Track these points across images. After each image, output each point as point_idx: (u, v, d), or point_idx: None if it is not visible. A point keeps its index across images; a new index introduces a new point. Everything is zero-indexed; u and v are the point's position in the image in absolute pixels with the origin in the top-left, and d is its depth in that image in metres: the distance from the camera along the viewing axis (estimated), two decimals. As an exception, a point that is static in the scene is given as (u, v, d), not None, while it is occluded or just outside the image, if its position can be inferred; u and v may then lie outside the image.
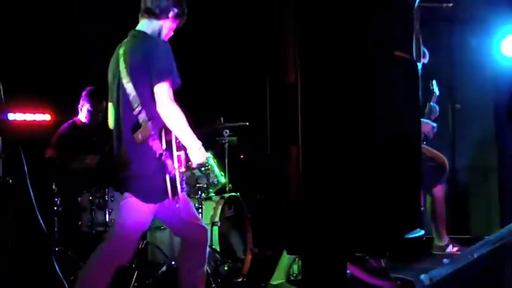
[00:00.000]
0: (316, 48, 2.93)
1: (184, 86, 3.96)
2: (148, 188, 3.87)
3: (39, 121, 6.46)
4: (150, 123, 3.78)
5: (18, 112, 6.26)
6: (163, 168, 3.79)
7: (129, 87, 3.85)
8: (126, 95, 3.87)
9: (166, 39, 4.09)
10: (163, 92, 3.77)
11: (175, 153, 3.84)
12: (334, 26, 2.92)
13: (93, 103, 5.79)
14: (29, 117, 6.39)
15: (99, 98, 5.71)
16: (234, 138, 6.29)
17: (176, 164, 3.81)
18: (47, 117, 6.54)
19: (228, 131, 6.17)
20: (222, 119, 6.14)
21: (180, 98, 4.16)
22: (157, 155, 3.78)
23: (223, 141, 6.18)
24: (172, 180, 3.78)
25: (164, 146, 3.79)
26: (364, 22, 2.94)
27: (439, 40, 6.51)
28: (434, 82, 5.65)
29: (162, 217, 4.16)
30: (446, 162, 5.46)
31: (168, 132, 3.83)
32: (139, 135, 3.80)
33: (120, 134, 3.96)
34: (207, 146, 6.00)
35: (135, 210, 3.94)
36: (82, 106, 5.86)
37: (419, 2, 3.43)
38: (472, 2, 6.45)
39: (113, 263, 3.92)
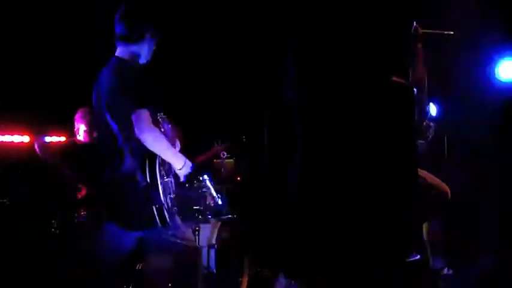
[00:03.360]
0: (314, 72, 2.96)
1: (183, 107, 3.96)
2: (132, 216, 3.85)
3: (17, 142, 6.45)
4: (133, 156, 3.77)
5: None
6: (148, 199, 3.75)
7: (112, 121, 3.84)
8: (111, 127, 3.85)
9: (149, 58, 4.05)
10: (141, 118, 3.70)
11: (160, 184, 3.77)
12: (332, 50, 2.95)
13: (88, 121, 5.77)
14: (7, 138, 6.38)
15: (92, 115, 5.70)
16: (231, 160, 6.31)
17: (161, 194, 3.76)
18: (25, 138, 6.53)
19: (225, 153, 6.19)
20: (219, 141, 6.17)
21: (178, 121, 4.19)
22: (141, 187, 3.75)
23: (220, 163, 6.20)
24: (159, 210, 3.75)
25: (148, 179, 3.75)
26: (362, 47, 2.98)
27: (435, 63, 6.53)
28: (431, 104, 5.66)
29: (149, 239, 4.15)
30: (448, 190, 5.42)
31: (152, 163, 3.78)
32: (123, 168, 3.79)
33: (105, 163, 3.93)
34: (204, 168, 6.10)
35: (116, 237, 3.92)
36: (78, 128, 5.86)
37: (421, 29, 3.47)
38: (467, 25, 6.50)
39: None
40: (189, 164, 3.92)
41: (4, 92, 5.90)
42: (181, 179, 3.96)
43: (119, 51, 3.99)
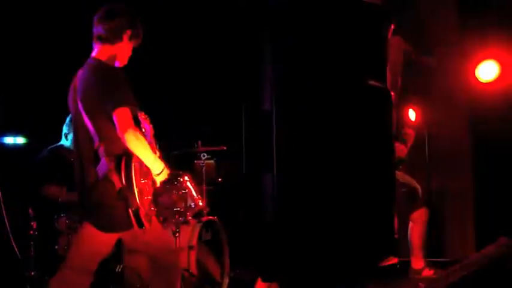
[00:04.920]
0: (293, 77, 2.97)
1: (163, 109, 3.95)
2: (108, 218, 3.84)
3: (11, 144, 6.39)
4: (109, 158, 3.75)
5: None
6: (124, 202, 3.73)
7: (87, 122, 3.83)
8: (86, 129, 3.85)
9: (125, 62, 4.06)
10: (121, 117, 3.72)
11: (135, 187, 3.74)
12: (309, 56, 2.96)
13: None
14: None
15: None
16: (212, 161, 6.30)
17: (137, 197, 3.73)
18: (20, 139, 6.47)
19: (205, 154, 6.19)
20: (199, 142, 6.16)
21: (159, 121, 4.19)
22: (117, 190, 3.73)
23: (200, 164, 6.20)
24: (136, 213, 3.73)
25: (124, 181, 3.73)
26: (338, 52, 2.99)
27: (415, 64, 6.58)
28: (410, 110, 5.70)
29: (126, 241, 4.14)
30: (418, 186, 5.48)
31: (128, 165, 3.76)
32: (98, 171, 3.78)
33: (81, 165, 3.91)
34: (184, 169, 6.09)
35: (93, 239, 3.91)
36: (67, 134, 5.80)
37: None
38: (446, 27, 6.55)
39: None
40: (166, 170, 3.93)
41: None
42: (157, 184, 3.96)
43: (96, 52, 4.00)
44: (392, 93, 3.11)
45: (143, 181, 3.86)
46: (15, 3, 6.23)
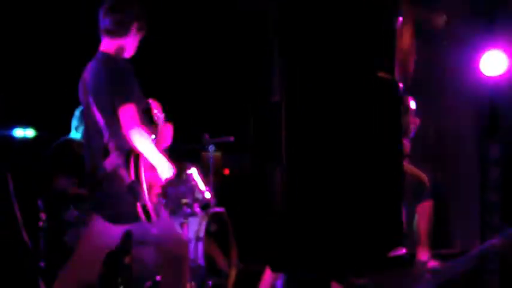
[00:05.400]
0: (301, 69, 2.99)
1: (170, 101, 3.98)
2: (117, 211, 3.87)
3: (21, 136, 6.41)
4: (118, 152, 3.78)
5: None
6: (132, 196, 3.76)
7: (98, 116, 3.85)
8: (97, 123, 3.86)
9: (132, 53, 4.09)
10: (127, 114, 3.75)
11: (144, 181, 3.77)
12: (319, 47, 2.98)
13: None
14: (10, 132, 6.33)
15: None
16: (219, 153, 6.34)
17: (146, 192, 3.76)
18: (30, 132, 6.50)
19: (213, 146, 6.21)
20: (207, 134, 6.19)
21: (167, 113, 4.21)
22: (126, 184, 3.76)
23: (208, 156, 6.23)
24: (144, 207, 3.76)
25: (133, 176, 3.76)
26: (348, 43, 3.01)
27: (418, 57, 6.59)
28: (411, 101, 5.70)
29: (136, 233, 4.18)
30: (426, 179, 5.50)
31: (138, 159, 3.79)
32: (108, 165, 3.80)
33: (91, 159, 3.95)
34: (192, 162, 6.12)
35: (102, 230, 3.95)
36: (78, 127, 5.83)
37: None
38: (451, 20, 6.56)
39: (78, 283, 3.91)
40: (171, 168, 3.95)
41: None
42: (162, 181, 3.99)
43: (104, 46, 4.02)
44: (401, 85, 3.13)
45: (152, 174, 3.90)
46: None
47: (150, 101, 4.16)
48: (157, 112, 4.23)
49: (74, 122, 5.84)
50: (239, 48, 6.33)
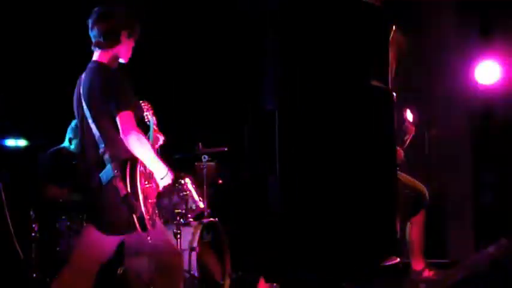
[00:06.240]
0: (295, 78, 2.98)
1: (164, 110, 3.97)
2: (112, 222, 3.85)
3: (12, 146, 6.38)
4: (114, 164, 3.75)
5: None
6: (128, 208, 3.72)
7: (93, 127, 3.83)
8: (92, 135, 3.84)
9: (129, 56, 4.06)
10: (125, 121, 3.74)
11: (140, 193, 3.75)
12: (313, 55, 2.98)
13: None
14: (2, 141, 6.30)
15: None
16: (213, 163, 6.32)
17: (142, 203, 3.73)
18: (22, 142, 6.46)
19: (206, 156, 6.20)
20: (200, 144, 6.18)
21: (161, 122, 4.20)
22: (122, 196, 3.72)
23: (201, 166, 6.21)
24: (140, 218, 3.73)
25: (129, 188, 3.72)
26: (341, 52, 3.00)
27: (414, 68, 6.61)
28: (408, 110, 5.70)
29: (129, 243, 4.16)
30: (424, 189, 5.48)
31: (133, 170, 3.77)
32: (103, 176, 3.78)
33: (86, 169, 3.93)
34: (185, 171, 6.11)
35: (96, 240, 3.93)
36: (72, 139, 5.82)
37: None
38: (445, 29, 6.58)
39: None
40: (170, 174, 3.93)
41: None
42: (160, 188, 3.97)
43: (97, 56, 4.00)
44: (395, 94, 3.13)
45: (148, 185, 3.87)
46: (16, 5, 6.24)
47: (142, 103, 4.15)
48: (149, 114, 4.23)
49: (69, 133, 5.84)
50: (233, 57, 6.31)
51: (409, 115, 5.59)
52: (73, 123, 5.77)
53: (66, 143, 5.83)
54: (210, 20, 6.95)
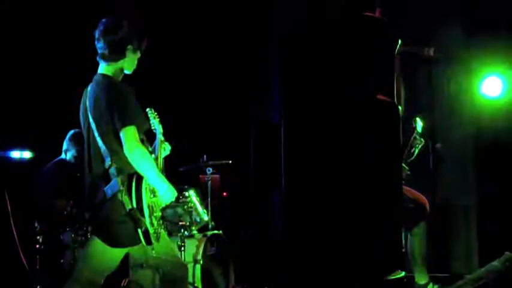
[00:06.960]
0: (300, 91, 2.99)
1: (168, 122, 3.96)
2: (117, 234, 3.84)
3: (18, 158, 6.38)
4: (120, 178, 3.74)
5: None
6: (133, 222, 3.72)
7: (99, 141, 3.83)
8: (98, 148, 3.84)
9: (133, 68, 4.05)
10: (128, 136, 3.73)
11: (146, 207, 3.74)
12: (318, 70, 2.98)
13: (79, 149, 5.74)
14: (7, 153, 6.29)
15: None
16: (217, 176, 6.32)
17: (147, 218, 3.73)
18: (27, 154, 6.46)
19: (210, 169, 6.20)
20: (205, 156, 6.19)
21: (165, 134, 4.21)
22: (127, 210, 3.71)
23: (206, 178, 6.21)
24: (145, 233, 3.72)
25: (134, 203, 3.72)
26: (348, 66, 3.01)
27: (420, 80, 6.62)
28: (417, 119, 5.66)
29: (135, 255, 4.15)
30: (427, 203, 5.48)
31: (139, 185, 3.76)
32: (109, 190, 3.77)
33: (91, 182, 3.92)
34: (190, 184, 6.11)
35: (101, 253, 3.92)
36: (67, 150, 5.85)
37: (401, 47, 3.52)
38: (451, 43, 6.58)
39: None
40: (172, 190, 3.91)
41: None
42: (163, 204, 3.95)
43: (102, 69, 4.00)
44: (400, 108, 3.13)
45: (153, 198, 3.87)
46: (23, 15, 6.27)
47: (148, 110, 4.16)
48: (155, 122, 4.23)
49: (64, 145, 5.87)
50: (238, 70, 6.33)
51: (419, 124, 5.56)
52: (69, 134, 5.80)
53: (63, 155, 5.86)
54: (219, 34, 6.97)
